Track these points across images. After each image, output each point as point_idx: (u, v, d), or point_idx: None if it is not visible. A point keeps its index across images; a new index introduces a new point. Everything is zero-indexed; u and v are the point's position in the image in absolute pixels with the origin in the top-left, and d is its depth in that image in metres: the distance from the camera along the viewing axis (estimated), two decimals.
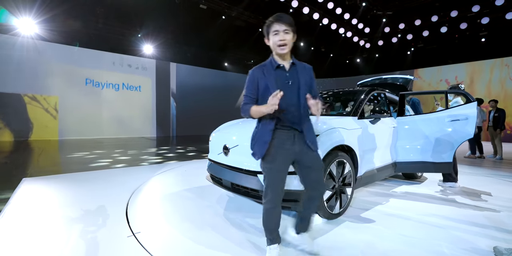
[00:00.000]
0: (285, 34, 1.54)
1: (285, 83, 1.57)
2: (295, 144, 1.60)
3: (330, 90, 3.98)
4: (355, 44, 14.76)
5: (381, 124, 3.05)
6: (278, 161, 1.58)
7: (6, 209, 2.52)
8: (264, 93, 1.55)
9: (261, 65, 1.64)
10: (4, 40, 9.56)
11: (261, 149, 1.58)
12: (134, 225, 2.20)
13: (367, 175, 2.81)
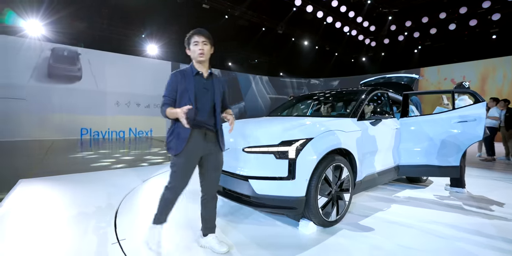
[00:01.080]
0: (204, 45, 1.78)
1: (202, 89, 1.78)
2: (207, 143, 1.79)
3: (330, 90, 3.84)
4: (360, 42, 14.50)
5: (382, 126, 2.90)
6: (191, 158, 1.76)
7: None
8: (182, 95, 1.74)
9: (181, 70, 1.81)
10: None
11: (178, 145, 1.72)
12: (121, 231, 2.11)
13: (367, 179, 2.67)
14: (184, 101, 1.72)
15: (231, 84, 15.79)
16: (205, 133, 1.78)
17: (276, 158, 2.03)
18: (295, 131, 2.16)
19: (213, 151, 1.83)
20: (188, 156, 1.74)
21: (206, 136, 1.78)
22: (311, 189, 2.04)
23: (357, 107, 2.77)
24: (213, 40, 1.85)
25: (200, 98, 1.75)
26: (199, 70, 1.80)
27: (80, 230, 2.15)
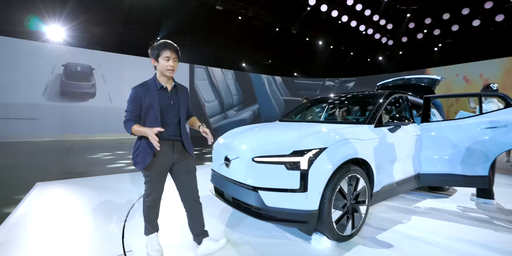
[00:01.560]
0: (174, 61, 1.80)
1: (167, 103, 1.81)
2: (175, 153, 1.86)
3: (346, 94, 3.68)
4: (377, 41, 14.04)
5: (401, 132, 2.73)
6: (160, 169, 1.83)
7: (15, 213, 2.52)
8: (147, 111, 1.76)
9: (143, 83, 1.80)
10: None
11: (145, 160, 1.76)
12: (128, 242, 2.08)
13: (385, 190, 2.51)
14: (150, 116, 1.76)
15: (244, 86, 15.75)
16: (173, 143, 1.85)
17: (287, 169, 1.92)
18: (308, 140, 2.05)
19: (183, 158, 1.91)
20: (158, 167, 1.81)
21: (174, 146, 1.86)
22: (324, 202, 1.92)
23: (374, 113, 2.61)
24: (179, 54, 1.87)
25: (166, 112, 1.80)
26: (163, 84, 1.82)
27: (88, 239, 2.14)
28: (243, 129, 2.94)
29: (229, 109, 15.13)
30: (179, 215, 2.66)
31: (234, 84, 15.46)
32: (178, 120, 1.86)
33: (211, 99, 14.47)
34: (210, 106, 14.38)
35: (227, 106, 15.07)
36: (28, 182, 3.80)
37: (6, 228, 2.32)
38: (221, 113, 14.77)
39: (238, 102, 15.59)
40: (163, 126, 1.76)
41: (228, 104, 15.12)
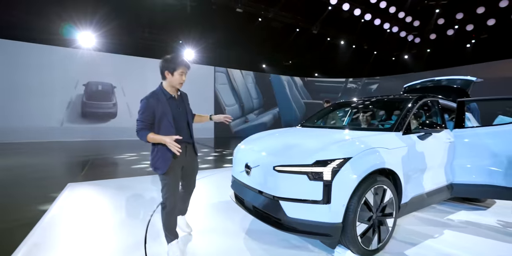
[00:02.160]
0: (185, 75, 1.99)
1: (177, 110, 2.00)
2: (187, 155, 2.06)
3: (370, 97, 3.52)
4: (403, 39, 13.44)
5: (432, 140, 2.56)
6: (176, 171, 1.98)
7: (48, 213, 2.68)
8: (161, 119, 1.91)
9: (153, 94, 1.95)
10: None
11: (165, 165, 1.90)
12: (151, 249, 2.12)
13: (414, 201, 2.36)
14: (164, 124, 1.92)
15: (265, 89, 15.70)
16: (186, 146, 2.04)
17: (309, 179, 1.86)
18: (331, 149, 1.97)
19: (191, 159, 2.13)
20: (174, 171, 1.97)
21: (187, 149, 2.05)
22: (348, 215, 1.84)
23: (402, 119, 2.47)
24: None
25: (177, 119, 1.99)
26: (172, 94, 2.01)
27: (112, 243, 2.21)
28: (264, 135, 2.90)
29: (249, 112, 15.19)
30: (200, 221, 2.68)
31: (254, 87, 15.49)
32: (187, 125, 2.07)
33: (231, 103, 14.60)
34: (230, 110, 14.51)
35: (247, 110, 15.13)
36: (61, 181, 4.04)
37: (41, 228, 2.46)
38: (242, 117, 14.85)
39: (259, 105, 15.60)
40: (177, 131, 1.95)
41: (248, 107, 15.18)
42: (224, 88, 14.45)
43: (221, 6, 11.28)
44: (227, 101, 14.49)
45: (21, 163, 5.75)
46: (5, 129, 9.66)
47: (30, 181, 4.31)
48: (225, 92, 14.45)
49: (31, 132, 10.11)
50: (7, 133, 9.63)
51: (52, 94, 10.52)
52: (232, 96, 14.67)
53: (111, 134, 11.38)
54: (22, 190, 3.78)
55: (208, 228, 2.53)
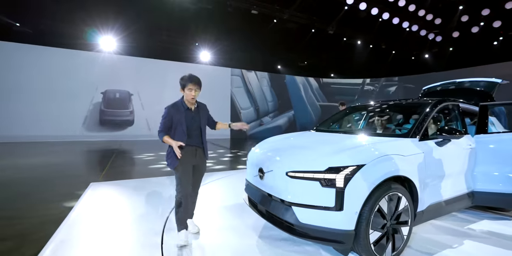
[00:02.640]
0: (195, 91, 2.33)
1: (191, 120, 2.39)
2: (196, 157, 2.42)
3: (387, 101, 3.46)
4: (423, 38, 12.97)
5: (452, 146, 2.48)
6: (186, 169, 2.34)
7: (73, 212, 2.85)
8: (177, 126, 2.33)
9: (174, 105, 2.38)
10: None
11: (174, 162, 2.31)
12: (167, 248, 2.21)
13: (431, 209, 2.30)
14: (179, 129, 2.33)
15: (280, 92, 15.65)
16: (196, 149, 2.41)
17: (322, 186, 1.87)
18: (344, 155, 1.97)
19: (201, 162, 2.47)
20: (184, 167, 2.32)
21: (197, 152, 2.42)
22: (361, 222, 1.83)
23: (418, 125, 2.41)
24: (201, 84, 2.39)
25: (190, 127, 2.37)
26: (189, 106, 2.40)
27: (130, 243, 2.31)
28: (278, 139, 2.93)
29: (264, 115, 15.19)
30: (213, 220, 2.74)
31: (269, 90, 15.49)
32: (199, 132, 2.44)
33: (246, 106, 14.67)
34: (245, 113, 14.58)
35: (262, 113, 15.14)
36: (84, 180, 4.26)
37: (66, 226, 2.62)
38: (257, 120, 14.89)
39: (274, 108, 15.58)
40: (189, 137, 2.35)
41: (263, 110, 15.19)
42: (240, 91, 14.55)
43: (236, 8, 11.39)
44: (243, 104, 14.58)
45: (46, 163, 6.10)
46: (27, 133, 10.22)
47: (56, 179, 4.57)
48: (240, 95, 14.54)
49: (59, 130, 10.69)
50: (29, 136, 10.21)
51: (75, 98, 11.05)
52: (247, 99, 14.74)
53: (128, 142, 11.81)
54: (50, 188, 4.02)
55: (220, 229, 2.59)
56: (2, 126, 9.88)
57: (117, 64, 11.94)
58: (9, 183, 4.29)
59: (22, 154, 7.40)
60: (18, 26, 10.42)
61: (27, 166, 5.61)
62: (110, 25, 11.22)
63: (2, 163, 6.01)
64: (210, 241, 2.37)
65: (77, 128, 11.05)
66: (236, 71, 14.57)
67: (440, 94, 3.89)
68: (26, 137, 10.11)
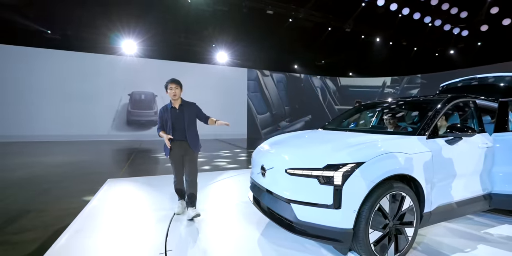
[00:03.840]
0: (175, 89, 2.82)
1: (176, 117, 2.85)
2: (182, 148, 2.87)
3: (397, 98, 3.34)
4: (447, 33, 12.31)
5: (464, 144, 2.35)
6: (175, 158, 2.89)
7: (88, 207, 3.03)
8: (166, 122, 2.88)
9: (165, 106, 2.93)
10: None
11: (167, 151, 2.89)
12: (171, 241, 2.29)
13: (441, 210, 2.20)
14: (168, 126, 2.85)
15: (297, 96, 15.48)
16: (180, 143, 2.86)
17: (319, 183, 1.85)
18: (344, 153, 1.94)
19: (188, 152, 2.87)
20: (174, 156, 2.88)
21: (181, 144, 2.86)
22: (360, 221, 1.79)
23: (427, 122, 2.31)
24: (181, 83, 2.89)
25: (175, 123, 2.85)
26: (173, 105, 2.88)
27: (136, 235, 2.41)
28: (283, 137, 2.93)
29: (281, 120, 15.11)
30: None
31: (286, 95, 15.41)
32: (183, 128, 2.85)
33: (263, 111, 14.68)
34: (262, 117, 14.58)
35: (279, 117, 15.07)
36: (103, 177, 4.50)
37: (81, 218, 2.79)
38: (273, 125, 14.85)
39: (291, 113, 15.47)
40: (174, 131, 2.84)
41: (280, 115, 15.11)
42: (256, 96, 14.58)
43: (251, 9, 11.47)
44: (259, 109, 14.59)
45: (72, 160, 6.50)
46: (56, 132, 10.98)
47: (80, 176, 4.86)
48: (256, 100, 14.57)
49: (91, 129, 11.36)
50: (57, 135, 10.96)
51: (101, 100, 11.71)
52: (263, 104, 14.73)
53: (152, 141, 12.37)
54: (73, 184, 4.29)
55: (224, 225, 2.63)
56: (39, 126, 10.72)
57: (141, 66, 12.48)
58: (37, 179, 4.63)
59: (51, 152, 7.93)
60: (49, 33, 11.21)
61: (55, 163, 6.01)
62: (131, 30, 11.74)
63: (31, 160, 6.48)
64: (213, 235, 2.41)
65: (106, 128, 11.71)
66: (252, 76, 14.60)
67: (460, 91, 3.69)
68: (61, 136, 10.90)
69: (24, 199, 3.52)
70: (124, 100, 12.03)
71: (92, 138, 11.33)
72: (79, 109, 11.34)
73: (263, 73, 14.92)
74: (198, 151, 2.95)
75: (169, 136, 2.77)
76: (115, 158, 7.37)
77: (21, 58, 10.67)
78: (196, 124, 2.96)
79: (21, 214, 2.98)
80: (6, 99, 10.41)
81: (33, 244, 2.28)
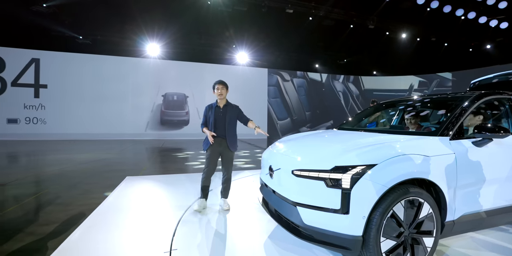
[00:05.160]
0: (221, 90, 3.05)
1: (219, 116, 3.06)
2: (221, 146, 3.05)
3: (420, 96, 3.10)
4: (483, 26, 11.36)
5: (495, 146, 2.11)
6: (213, 152, 3.04)
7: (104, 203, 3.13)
8: (209, 120, 3.10)
9: (210, 104, 3.17)
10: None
11: (205, 146, 3.08)
12: (177, 240, 2.28)
13: (466, 220, 1.98)
14: (210, 123, 3.07)
15: (319, 102, 15.15)
16: (221, 140, 3.03)
17: (327, 186, 1.74)
18: (353, 154, 1.80)
19: (225, 150, 3.06)
20: (211, 151, 3.03)
21: (221, 142, 3.03)
22: (371, 228, 1.65)
23: (451, 121, 2.09)
24: (227, 85, 3.13)
25: (217, 121, 3.04)
26: (218, 104, 3.11)
27: (145, 233, 2.44)
28: (294, 137, 2.84)
29: (302, 126, 14.87)
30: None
31: (307, 100, 15.13)
32: (224, 126, 3.04)
33: (283, 117, 14.53)
34: (282, 123, 14.43)
35: (300, 123, 14.84)
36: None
37: (96, 215, 2.88)
38: (294, 131, 14.67)
39: (311, 118, 15.17)
40: (215, 129, 3.02)
41: (300, 121, 14.87)
42: (276, 102, 14.47)
43: (271, 8, 11.38)
44: (279, 115, 14.45)
45: (101, 158, 6.83)
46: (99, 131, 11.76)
47: (104, 173, 5.08)
48: (277, 106, 14.45)
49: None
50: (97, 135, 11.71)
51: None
52: (284, 110, 14.57)
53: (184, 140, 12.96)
54: (97, 180, 4.49)
55: (232, 226, 2.58)
56: (83, 126, 11.74)
57: (171, 68, 12.97)
58: (70, 174, 4.90)
59: (93, 149, 8.41)
60: (81, 39, 11.95)
61: (88, 160, 6.36)
62: (155, 33, 12.18)
63: (63, 157, 6.90)
64: (219, 236, 2.38)
65: (142, 128, 12.38)
66: (272, 81, 14.47)
67: (495, 88, 3.34)
68: (102, 135, 11.80)
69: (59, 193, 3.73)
70: (158, 101, 12.66)
71: (132, 137, 12.05)
72: (117, 110, 12.13)
73: (283, 78, 14.76)
74: (235, 151, 3.11)
75: (213, 133, 2.92)
76: (142, 156, 7.64)
77: (61, 63, 11.64)
78: (236, 125, 3.13)
79: (49, 207, 3.16)
80: (65, 102, 11.54)
81: (56, 235, 2.40)
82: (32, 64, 11.28)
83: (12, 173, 5.01)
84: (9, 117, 10.94)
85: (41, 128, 11.26)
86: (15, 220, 2.75)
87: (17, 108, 11.01)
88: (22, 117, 11.10)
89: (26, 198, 3.52)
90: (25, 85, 11.18)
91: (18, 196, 3.61)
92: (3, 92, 10.95)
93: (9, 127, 10.91)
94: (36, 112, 11.25)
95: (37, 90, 11.32)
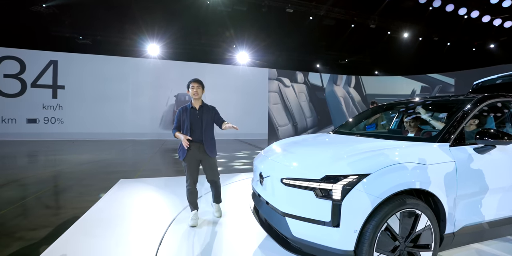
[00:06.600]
0: (197, 88, 2.74)
1: (195, 117, 2.75)
2: (200, 151, 2.75)
3: (423, 98, 2.97)
4: (486, 25, 11.17)
5: (498, 153, 1.98)
6: (192, 161, 2.74)
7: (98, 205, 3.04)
8: (183, 123, 2.76)
9: (184, 106, 2.82)
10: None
11: (183, 154, 2.72)
12: (163, 249, 2.17)
13: (467, 231, 1.86)
14: (185, 126, 2.74)
15: (319, 107, 15.03)
16: (199, 145, 2.74)
17: (316, 197, 1.63)
18: (345, 162, 1.69)
19: (205, 157, 2.77)
20: (190, 159, 2.73)
21: (199, 147, 2.74)
22: (363, 242, 1.53)
23: (450, 126, 1.97)
24: (203, 84, 2.83)
25: (193, 124, 2.74)
26: (193, 106, 2.79)
27: (130, 240, 2.33)
28: (287, 142, 2.71)
29: (303, 132, 14.73)
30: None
31: (308, 105, 15.01)
32: (201, 129, 2.75)
33: (284, 123, 14.41)
34: (283, 130, 14.30)
35: (301, 129, 14.70)
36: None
37: (84, 219, 2.79)
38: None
39: (312, 124, 15.03)
40: (192, 133, 2.72)
41: (301, 127, 14.73)
42: (277, 108, 14.34)
43: (271, 8, 11.26)
44: (280, 121, 14.32)
45: (105, 159, 6.75)
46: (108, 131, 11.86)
47: (101, 174, 5.00)
48: (277, 112, 14.32)
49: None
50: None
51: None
52: (285, 115, 14.44)
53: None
54: (92, 182, 4.40)
55: (221, 234, 2.48)
56: (96, 126, 11.84)
57: (172, 68, 12.87)
58: (71, 176, 4.82)
59: (108, 149, 8.34)
60: (81, 39, 11.92)
61: (93, 161, 6.28)
62: (155, 34, 12.12)
63: (63, 157, 6.83)
64: (207, 246, 2.27)
65: (155, 127, 12.50)
66: (273, 87, 14.34)
67: (499, 90, 3.20)
68: (115, 134, 11.96)
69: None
70: (170, 101, 12.83)
71: (145, 136, 12.16)
72: (134, 110, 12.27)
73: (284, 84, 14.62)
74: (215, 156, 2.84)
75: (188, 137, 2.62)
76: (143, 156, 7.56)
77: (78, 64, 11.78)
78: (213, 128, 2.86)
79: (42, 210, 3.12)
80: (82, 102, 11.73)
81: (45, 240, 2.33)
82: (50, 66, 11.47)
83: (10, 174, 4.96)
84: (29, 117, 11.20)
85: (58, 128, 11.48)
86: (4, 224, 2.68)
87: (36, 108, 11.27)
88: (41, 117, 11.33)
89: (20, 200, 3.47)
90: (44, 86, 11.41)
91: (12, 198, 3.54)
92: (23, 93, 11.20)
93: (29, 127, 11.16)
94: (54, 112, 11.50)
95: (55, 90, 11.57)
